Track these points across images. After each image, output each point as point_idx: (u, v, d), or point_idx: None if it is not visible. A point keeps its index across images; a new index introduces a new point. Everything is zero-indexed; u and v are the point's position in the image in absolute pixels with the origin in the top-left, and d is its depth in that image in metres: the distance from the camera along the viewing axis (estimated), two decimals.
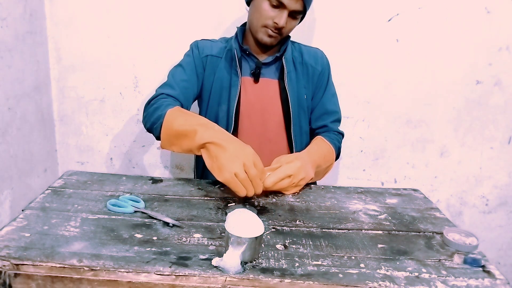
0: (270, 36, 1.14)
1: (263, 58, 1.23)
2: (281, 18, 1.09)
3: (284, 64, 1.20)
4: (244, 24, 1.24)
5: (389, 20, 1.47)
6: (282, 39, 1.19)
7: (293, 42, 1.28)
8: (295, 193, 1.03)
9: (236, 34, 1.23)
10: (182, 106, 1.13)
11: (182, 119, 0.98)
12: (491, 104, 1.56)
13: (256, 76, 1.21)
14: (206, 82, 1.24)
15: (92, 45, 1.51)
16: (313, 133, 1.29)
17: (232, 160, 0.89)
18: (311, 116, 1.29)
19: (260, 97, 1.22)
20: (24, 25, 1.35)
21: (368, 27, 1.48)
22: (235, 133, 1.21)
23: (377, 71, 1.53)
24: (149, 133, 1.10)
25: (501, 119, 1.58)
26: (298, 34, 1.46)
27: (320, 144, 1.18)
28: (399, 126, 1.59)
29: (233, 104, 1.19)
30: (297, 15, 1.13)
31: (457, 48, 1.49)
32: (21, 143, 1.38)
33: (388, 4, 1.45)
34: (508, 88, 1.54)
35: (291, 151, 1.24)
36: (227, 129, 1.21)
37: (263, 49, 1.22)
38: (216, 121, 1.22)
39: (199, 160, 1.32)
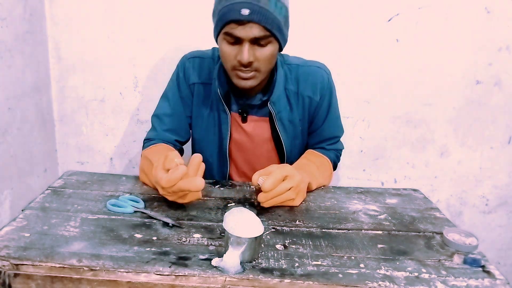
0: (245, 78, 0.99)
1: (251, 96, 1.11)
2: (242, 53, 0.94)
3: (272, 110, 1.09)
4: None
5: (389, 20, 1.47)
6: (268, 75, 1.06)
7: (289, 65, 1.13)
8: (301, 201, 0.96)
9: (218, 73, 1.09)
10: (169, 142, 1.14)
11: (145, 179, 1.01)
12: (491, 104, 1.56)
13: (243, 117, 1.13)
14: (196, 108, 1.16)
15: (92, 45, 1.51)
16: None
17: (165, 195, 0.87)
18: (308, 140, 1.21)
19: (249, 135, 1.16)
20: (24, 25, 1.35)
21: (368, 27, 1.48)
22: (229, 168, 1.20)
23: (377, 71, 1.52)
24: None
25: (501, 119, 1.58)
26: (298, 34, 1.47)
27: (310, 158, 1.13)
28: (399, 126, 1.59)
29: (226, 142, 1.15)
30: (262, 41, 0.94)
31: (457, 48, 1.49)
32: (21, 143, 1.38)
33: (388, 4, 1.45)
34: (508, 88, 1.54)
35: None
36: (223, 166, 1.19)
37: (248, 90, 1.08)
38: (211, 154, 1.18)
39: None
